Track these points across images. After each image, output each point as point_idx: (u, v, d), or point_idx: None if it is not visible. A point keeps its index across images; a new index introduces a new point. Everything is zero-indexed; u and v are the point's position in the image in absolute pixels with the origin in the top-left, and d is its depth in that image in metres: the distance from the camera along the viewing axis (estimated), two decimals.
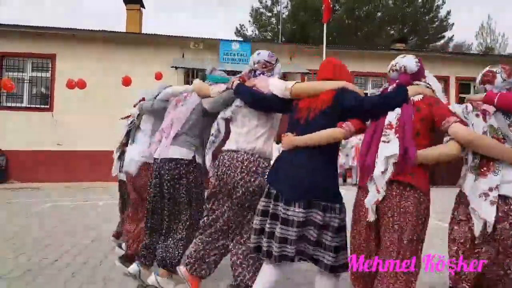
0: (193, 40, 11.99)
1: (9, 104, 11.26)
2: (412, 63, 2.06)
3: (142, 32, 13.53)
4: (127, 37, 11.95)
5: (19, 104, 11.32)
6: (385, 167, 1.81)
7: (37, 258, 3.55)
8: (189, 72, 11.74)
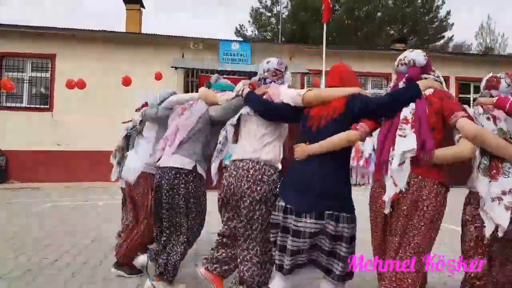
0: (193, 40, 11.98)
1: (9, 104, 11.26)
2: (420, 56, 2.08)
3: (142, 32, 13.51)
4: (127, 37, 11.94)
5: (18, 104, 11.31)
6: (401, 161, 1.80)
7: (37, 258, 3.56)
8: (188, 72, 11.73)
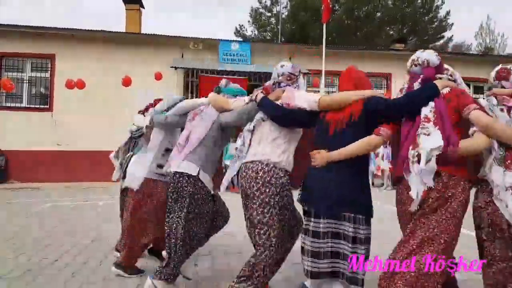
0: (192, 40, 11.98)
1: (9, 104, 11.26)
2: (433, 56, 2.10)
3: (142, 32, 13.51)
4: (127, 37, 11.94)
5: (18, 104, 11.31)
6: (428, 159, 1.82)
7: (37, 258, 3.55)
8: (188, 72, 11.74)
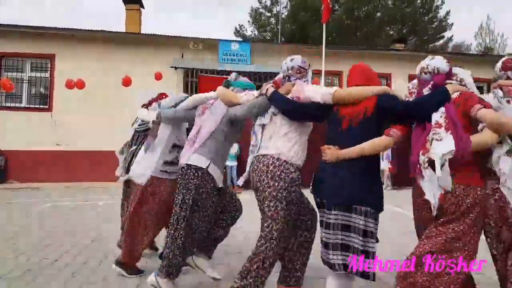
0: (192, 40, 11.99)
1: (8, 104, 11.26)
2: (443, 64, 2.13)
3: (142, 32, 13.51)
4: (127, 37, 11.94)
5: (18, 104, 11.31)
6: (442, 163, 1.85)
7: (37, 258, 3.56)
8: (188, 72, 11.74)
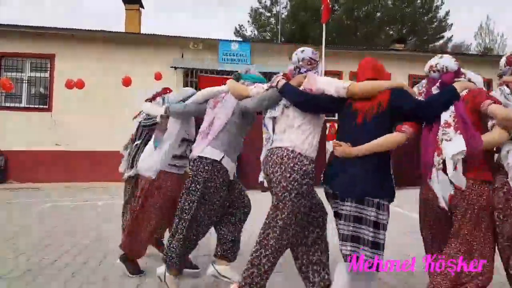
0: (192, 40, 11.98)
1: (8, 104, 11.24)
2: (452, 62, 2.14)
3: (142, 32, 13.50)
4: (127, 37, 11.93)
5: (18, 104, 11.30)
6: (454, 164, 1.86)
7: (37, 258, 3.55)
8: (188, 72, 11.74)
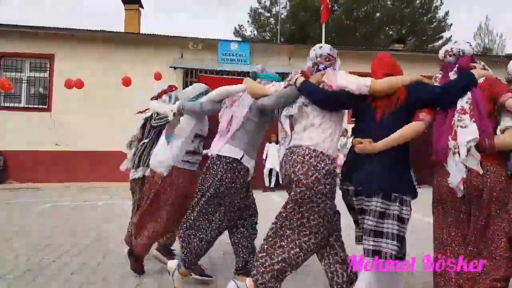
0: (192, 40, 11.98)
1: (7, 104, 11.24)
2: (467, 46, 2.14)
3: (141, 32, 13.50)
4: (126, 37, 11.93)
5: (17, 104, 11.30)
6: (467, 150, 1.88)
7: (37, 258, 3.55)
8: (187, 72, 11.73)
